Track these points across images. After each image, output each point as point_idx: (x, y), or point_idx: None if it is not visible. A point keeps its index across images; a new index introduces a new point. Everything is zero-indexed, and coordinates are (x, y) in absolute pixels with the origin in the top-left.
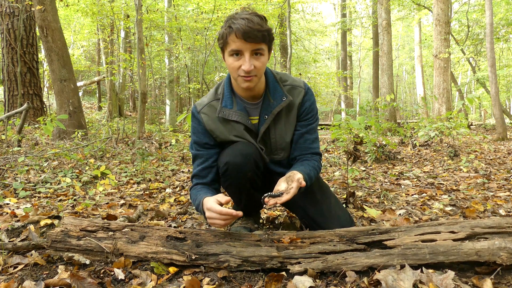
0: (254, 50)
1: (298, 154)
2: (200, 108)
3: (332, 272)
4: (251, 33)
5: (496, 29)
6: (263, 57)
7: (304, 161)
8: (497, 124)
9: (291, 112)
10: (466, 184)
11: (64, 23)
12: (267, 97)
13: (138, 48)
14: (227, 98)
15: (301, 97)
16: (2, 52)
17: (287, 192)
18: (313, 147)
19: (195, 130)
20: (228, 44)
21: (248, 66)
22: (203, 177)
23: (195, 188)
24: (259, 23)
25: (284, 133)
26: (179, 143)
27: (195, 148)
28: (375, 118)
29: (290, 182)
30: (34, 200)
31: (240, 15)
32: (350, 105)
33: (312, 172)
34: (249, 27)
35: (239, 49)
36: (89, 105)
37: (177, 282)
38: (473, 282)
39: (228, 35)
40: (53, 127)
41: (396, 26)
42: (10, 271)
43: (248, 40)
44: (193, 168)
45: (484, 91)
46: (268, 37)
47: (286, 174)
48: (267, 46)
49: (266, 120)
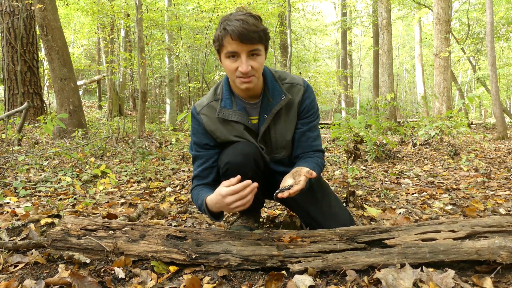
0: (251, 51)
1: (301, 152)
2: (200, 109)
3: (332, 271)
4: (247, 35)
5: (496, 28)
6: (260, 57)
7: (307, 158)
8: (498, 123)
9: (291, 110)
10: (466, 183)
11: (64, 22)
12: (266, 96)
13: (138, 47)
14: (226, 98)
15: (300, 95)
16: (2, 51)
17: (296, 184)
18: (316, 144)
19: (195, 131)
20: (224, 46)
21: (245, 67)
22: (204, 178)
23: (196, 189)
24: (254, 23)
25: (285, 132)
26: (179, 142)
27: (195, 149)
28: (375, 117)
29: (297, 177)
30: (35, 199)
31: (234, 16)
32: (350, 104)
33: (316, 168)
34: (244, 28)
35: (235, 50)
36: (89, 104)
37: (178, 281)
38: (473, 281)
39: (224, 37)
40: (53, 126)
41: (397, 25)
42: (11, 270)
43: (244, 42)
44: (194, 169)
45: (484, 90)
46: (264, 37)
47: (291, 171)
48: (264, 45)
49: (265, 120)
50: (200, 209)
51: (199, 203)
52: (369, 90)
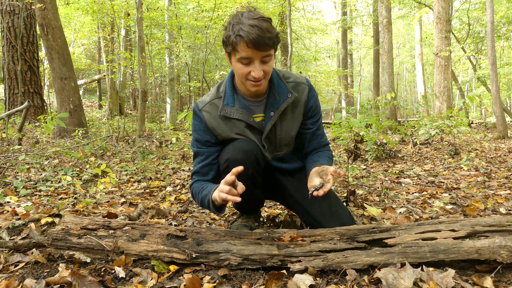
0: (264, 57)
1: (312, 149)
2: (202, 106)
3: (332, 270)
4: (262, 42)
5: (497, 27)
6: (271, 61)
7: (320, 153)
8: (498, 122)
9: (297, 108)
10: (466, 183)
11: (65, 21)
12: (272, 94)
13: (138, 46)
14: (229, 96)
15: (306, 93)
16: (3, 50)
17: (327, 182)
18: (323, 140)
19: (196, 128)
20: (237, 52)
21: (258, 73)
22: (204, 174)
23: (197, 183)
24: (267, 29)
25: (290, 129)
26: (180, 142)
27: (196, 146)
28: (375, 116)
29: (324, 176)
30: (35, 198)
31: (247, 20)
32: (351, 104)
33: (330, 163)
34: (259, 36)
35: (249, 57)
36: (89, 103)
37: (178, 280)
38: (473, 280)
39: (238, 43)
40: (53, 125)
41: (397, 24)
42: (11, 269)
43: (259, 49)
44: (194, 165)
45: (484, 89)
46: (276, 42)
47: (315, 169)
48: (275, 49)
49: (272, 117)
50: (203, 203)
51: (203, 194)
52: (370, 90)
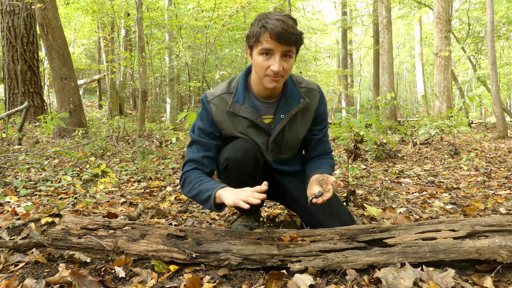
0: (285, 52)
1: (316, 155)
2: (211, 98)
3: (332, 270)
4: (285, 35)
5: (497, 27)
6: (292, 60)
7: (322, 160)
8: (498, 122)
9: (307, 114)
10: (466, 182)
11: (65, 21)
12: (284, 97)
13: (138, 46)
14: (240, 93)
15: (317, 100)
16: (3, 50)
17: (326, 191)
18: (328, 147)
19: (203, 117)
20: (260, 43)
21: (277, 67)
22: (204, 166)
23: (195, 171)
24: (293, 26)
25: (298, 134)
26: (180, 141)
27: (198, 134)
28: (375, 116)
29: (324, 185)
30: (35, 198)
31: (274, 15)
32: (351, 103)
33: (331, 171)
34: (283, 29)
35: (271, 48)
36: (89, 103)
37: (178, 280)
38: (473, 280)
39: (262, 34)
40: (53, 125)
41: (397, 24)
42: (11, 269)
43: (281, 42)
44: (191, 152)
45: (484, 89)
46: (299, 41)
47: (316, 176)
48: (296, 49)
49: (283, 120)
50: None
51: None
52: (370, 89)
